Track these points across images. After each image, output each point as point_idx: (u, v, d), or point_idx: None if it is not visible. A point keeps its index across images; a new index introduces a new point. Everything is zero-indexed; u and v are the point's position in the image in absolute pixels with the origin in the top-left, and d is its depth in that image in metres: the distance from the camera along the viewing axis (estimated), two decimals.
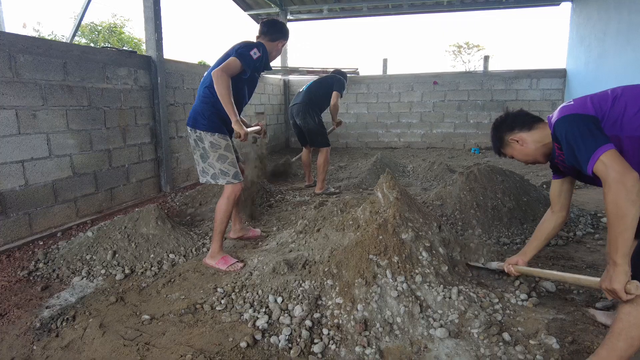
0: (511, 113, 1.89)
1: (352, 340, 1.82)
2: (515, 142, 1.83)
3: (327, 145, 4.67)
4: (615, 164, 1.34)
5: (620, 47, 5.47)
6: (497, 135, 1.91)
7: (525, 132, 1.80)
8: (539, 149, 1.79)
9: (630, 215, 1.30)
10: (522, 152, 1.83)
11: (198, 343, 1.88)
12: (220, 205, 2.70)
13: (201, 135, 2.65)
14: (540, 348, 1.77)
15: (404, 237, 2.20)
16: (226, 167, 2.68)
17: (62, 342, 1.93)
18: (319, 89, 4.67)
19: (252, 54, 2.58)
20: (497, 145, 1.94)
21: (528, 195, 3.40)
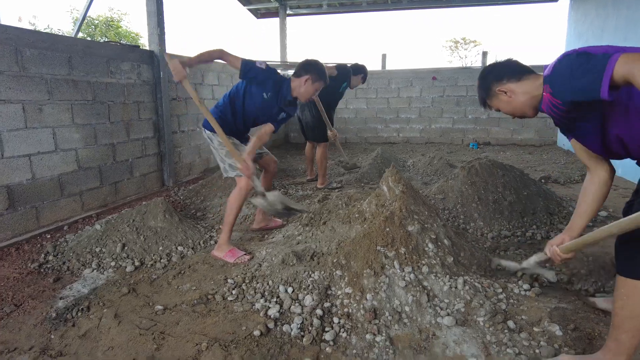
0: (500, 62, 1.75)
1: (362, 329, 1.88)
2: (502, 94, 1.67)
3: (325, 140, 4.66)
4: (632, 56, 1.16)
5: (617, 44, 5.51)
6: (483, 85, 1.75)
7: (514, 83, 1.64)
8: (527, 101, 1.63)
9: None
10: (510, 104, 1.68)
11: (212, 332, 1.93)
12: (232, 198, 2.78)
13: (209, 135, 2.86)
14: (544, 335, 1.84)
15: (410, 229, 2.26)
16: (234, 161, 2.76)
17: (79, 331, 1.98)
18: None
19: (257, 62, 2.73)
20: (482, 97, 1.78)
21: (528, 189, 3.47)
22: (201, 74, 5.64)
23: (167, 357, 1.77)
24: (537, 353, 1.74)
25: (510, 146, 8.03)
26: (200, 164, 5.68)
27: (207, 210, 3.83)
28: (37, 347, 1.86)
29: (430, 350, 1.76)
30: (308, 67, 2.79)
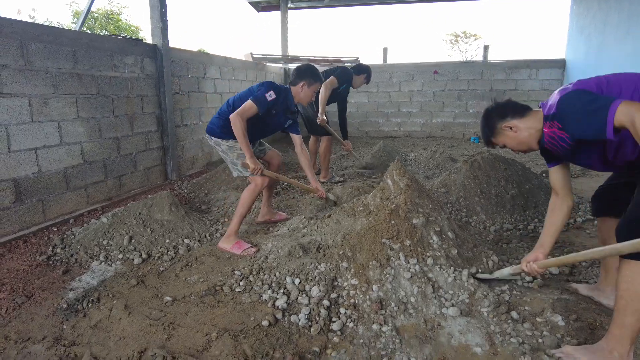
0: (500, 102, 1.89)
1: (368, 319, 1.92)
2: (508, 129, 1.81)
3: (327, 134, 4.66)
4: (636, 106, 1.32)
5: (620, 38, 5.54)
6: (488, 124, 1.87)
7: (518, 119, 1.79)
8: (532, 135, 1.78)
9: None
10: (516, 139, 1.82)
11: (221, 322, 1.97)
12: (246, 193, 2.87)
13: (218, 141, 2.95)
14: (546, 325, 1.88)
15: (415, 222, 2.29)
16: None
17: (91, 321, 2.01)
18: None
19: (267, 96, 2.82)
20: (487, 135, 1.91)
21: (530, 183, 3.50)
22: (203, 67, 5.65)
23: (178, 346, 1.81)
24: (540, 342, 1.78)
25: None
26: (202, 157, 5.70)
27: (212, 204, 3.86)
28: (50, 337, 1.90)
29: (436, 339, 1.80)
30: (301, 74, 2.99)
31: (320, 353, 1.74)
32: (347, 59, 8.67)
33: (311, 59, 8.53)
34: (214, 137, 2.94)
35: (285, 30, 9.11)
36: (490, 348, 1.75)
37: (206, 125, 3.09)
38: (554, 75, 7.91)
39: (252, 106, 2.77)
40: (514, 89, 8.05)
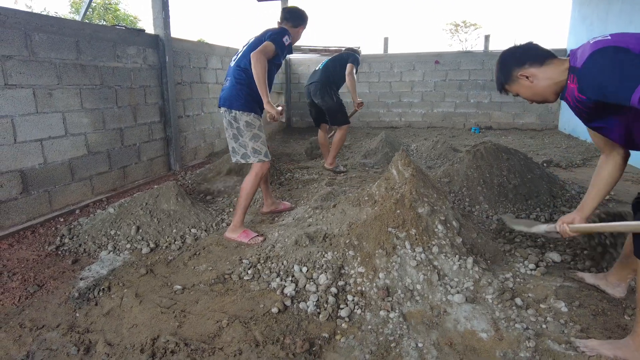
0: (520, 45, 1.68)
1: (375, 306, 1.96)
2: (524, 78, 1.63)
3: (347, 122, 4.65)
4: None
5: (623, 27, 5.52)
6: (503, 70, 1.68)
7: (537, 68, 1.59)
8: (550, 87, 1.60)
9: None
10: (532, 89, 1.64)
11: (231, 310, 2.01)
12: (247, 182, 2.82)
13: (236, 115, 2.76)
14: (550, 311, 1.92)
15: (420, 211, 2.32)
16: (259, 145, 2.80)
17: (103, 310, 2.05)
18: (335, 66, 4.56)
19: (284, 40, 2.75)
20: (501, 81, 1.72)
21: (532, 173, 3.52)
22: (205, 57, 5.63)
23: (190, 333, 1.85)
24: (544, 328, 1.82)
25: (512, 130, 8.07)
26: (205, 148, 5.72)
27: (216, 194, 3.89)
28: (64, 324, 1.93)
29: (442, 325, 1.84)
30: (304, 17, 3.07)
31: (330, 339, 1.78)
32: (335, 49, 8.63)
33: (312, 48, 8.50)
34: (235, 109, 2.73)
35: None
36: (495, 333, 1.79)
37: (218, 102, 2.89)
38: None
39: (271, 46, 2.65)
40: None
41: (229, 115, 2.79)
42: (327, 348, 1.73)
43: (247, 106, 2.74)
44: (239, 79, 2.77)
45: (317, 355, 1.69)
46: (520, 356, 1.65)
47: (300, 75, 8.97)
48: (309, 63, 8.83)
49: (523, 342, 1.72)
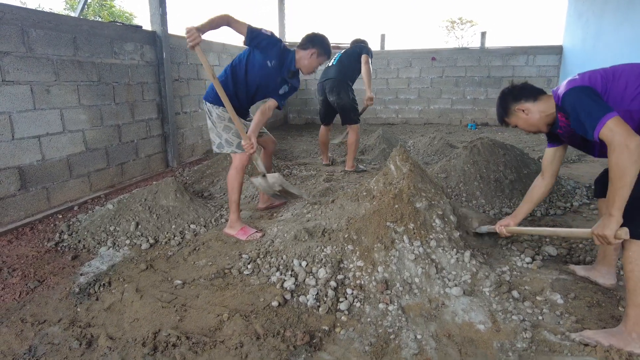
0: (517, 85, 2.00)
1: (374, 299, 1.99)
2: (521, 112, 1.94)
3: (358, 122, 4.58)
4: (619, 128, 1.49)
5: (618, 25, 5.57)
6: (503, 105, 2.01)
7: (531, 103, 1.92)
8: (542, 119, 1.91)
9: (630, 174, 1.48)
10: (528, 121, 1.95)
11: (232, 304, 2.03)
12: (230, 175, 2.83)
13: (209, 107, 2.84)
14: (546, 303, 1.95)
15: (418, 206, 2.35)
16: (230, 137, 2.82)
17: (104, 304, 2.06)
18: (349, 61, 4.47)
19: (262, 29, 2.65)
20: (501, 115, 2.04)
21: (528, 168, 3.56)
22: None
23: (191, 327, 1.87)
24: (540, 319, 1.85)
25: None
26: (202, 145, 5.72)
27: (215, 190, 3.90)
28: (66, 319, 1.94)
29: (441, 317, 1.87)
30: (315, 41, 2.79)
31: (330, 331, 1.81)
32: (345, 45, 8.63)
33: None
34: (208, 102, 2.82)
35: (282, 16, 9.03)
36: (492, 325, 1.82)
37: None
38: (551, 62, 7.94)
39: (244, 24, 2.58)
40: (511, 75, 8.08)
41: (205, 107, 2.88)
42: (327, 340, 1.75)
43: (217, 100, 2.71)
44: (219, 77, 2.75)
45: (317, 347, 1.71)
46: (517, 347, 1.68)
47: None
48: None
49: (520, 333, 1.75)
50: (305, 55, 2.78)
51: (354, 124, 4.54)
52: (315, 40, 2.79)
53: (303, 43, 2.81)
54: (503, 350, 1.66)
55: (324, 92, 4.57)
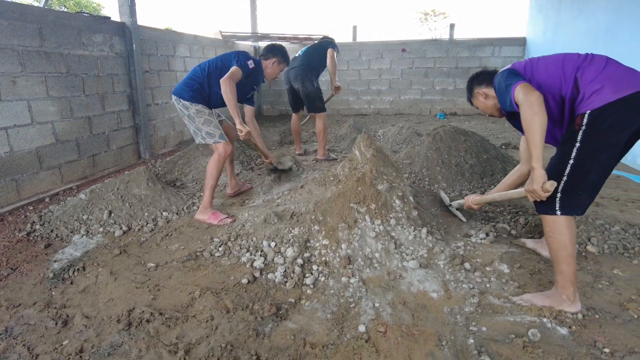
0: (485, 70, 2.17)
1: (338, 273, 2.13)
2: (480, 95, 2.14)
3: (324, 110, 4.71)
4: (523, 89, 1.69)
5: (573, 17, 5.86)
6: (469, 87, 2.21)
7: (489, 88, 2.08)
8: (495, 105, 2.08)
9: (536, 124, 1.64)
10: (484, 104, 2.15)
11: (203, 282, 2.13)
12: (211, 162, 2.95)
13: (186, 104, 2.95)
14: (494, 273, 2.14)
15: (379, 188, 2.50)
16: (212, 129, 2.95)
17: (78, 287, 2.14)
18: (315, 53, 4.65)
19: (248, 64, 2.98)
20: (468, 96, 2.25)
21: (488, 154, 3.77)
22: (173, 46, 5.62)
23: (165, 304, 1.97)
24: (488, 287, 2.04)
25: (476, 116, 8.40)
26: (175, 136, 5.73)
27: (187, 180, 3.96)
28: (41, 302, 2.01)
29: (398, 288, 2.03)
30: (275, 51, 3.23)
31: (295, 303, 1.94)
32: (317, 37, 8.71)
33: (281, 36, 8.53)
34: (183, 100, 2.93)
35: (254, 7, 9.03)
36: (445, 293, 1.99)
37: None
38: (516, 53, 8.25)
39: (239, 71, 2.87)
40: (478, 66, 8.35)
41: (179, 104, 2.98)
42: (292, 311, 1.89)
43: (194, 99, 2.93)
44: (195, 76, 2.98)
45: (283, 317, 1.84)
46: (465, 310, 1.86)
47: None
48: None
49: (468, 299, 1.93)
50: (268, 64, 3.24)
51: (319, 112, 4.66)
52: (274, 50, 3.24)
53: (265, 54, 3.25)
54: (452, 314, 1.84)
55: (290, 81, 4.71)
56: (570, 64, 1.77)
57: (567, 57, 1.81)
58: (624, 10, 4.64)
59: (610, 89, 1.65)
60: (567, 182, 1.73)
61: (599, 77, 1.69)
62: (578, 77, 1.74)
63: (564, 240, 1.75)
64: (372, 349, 1.61)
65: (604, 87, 1.66)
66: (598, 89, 1.67)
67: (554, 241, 1.78)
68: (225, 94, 2.78)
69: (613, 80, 1.66)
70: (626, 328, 1.72)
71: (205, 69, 2.98)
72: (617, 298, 1.94)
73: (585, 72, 1.72)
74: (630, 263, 2.26)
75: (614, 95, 1.63)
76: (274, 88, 9.13)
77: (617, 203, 3.19)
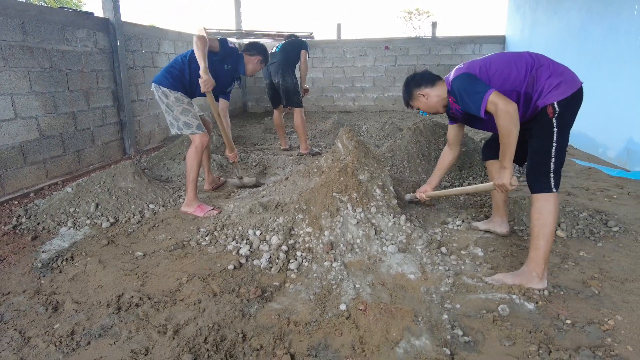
0: (418, 72, 2.31)
1: (321, 258, 2.22)
2: (421, 96, 2.26)
3: (301, 105, 4.80)
4: (499, 99, 1.86)
5: (548, 17, 6.06)
6: (407, 90, 2.31)
7: (429, 88, 2.24)
8: (439, 102, 2.24)
9: (514, 133, 1.86)
10: (427, 104, 2.27)
11: (190, 269, 2.20)
12: (190, 154, 2.98)
13: (166, 92, 2.94)
14: (469, 256, 2.27)
15: (361, 178, 2.60)
16: (189, 119, 2.97)
17: (67, 276, 2.18)
18: (292, 50, 4.75)
19: (228, 41, 3.05)
20: (406, 99, 2.35)
21: (466, 147, 3.90)
22: (157, 42, 5.63)
23: (153, 290, 2.03)
24: (462, 269, 2.15)
25: None
26: (159, 132, 5.75)
27: (172, 174, 4.00)
28: (30, 290, 2.05)
29: (377, 270, 2.13)
30: (260, 50, 3.31)
31: (280, 286, 2.03)
32: (301, 35, 8.78)
33: (265, 33, 8.58)
34: (163, 86, 2.93)
35: (239, 4, 9.06)
36: (422, 275, 2.10)
37: None
38: (495, 50, 8.45)
39: (215, 41, 2.94)
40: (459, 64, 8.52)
41: (159, 92, 2.97)
42: (277, 293, 1.97)
43: (174, 86, 2.94)
44: (175, 64, 3.01)
45: (268, 299, 1.93)
46: (440, 290, 1.97)
47: None
48: None
49: (444, 280, 2.05)
50: (252, 60, 3.28)
51: (297, 107, 4.77)
52: (260, 50, 3.32)
53: (249, 50, 3.29)
54: (428, 293, 1.95)
55: (270, 75, 4.80)
56: (522, 65, 1.97)
57: (516, 58, 2.02)
58: (595, 9, 4.83)
59: (567, 84, 1.93)
60: (555, 162, 1.93)
61: (553, 75, 1.93)
62: (534, 75, 1.95)
63: (549, 219, 1.91)
64: (352, 325, 1.71)
65: (561, 83, 1.92)
66: (557, 84, 1.91)
67: (540, 217, 1.93)
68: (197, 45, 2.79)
69: (564, 77, 1.92)
70: (587, 302, 1.86)
71: (187, 56, 2.98)
72: (581, 276, 2.08)
73: (539, 71, 1.95)
74: (595, 246, 2.41)
75: (570, 90, 1.91)
76: (259, 85, 9.18)
77: (587, 192, 3.36)
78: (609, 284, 2.01)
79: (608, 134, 4.50)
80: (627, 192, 3.34)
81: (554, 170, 1.93)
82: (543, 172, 1.95)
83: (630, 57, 4.15)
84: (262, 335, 1.67)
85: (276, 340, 1.63)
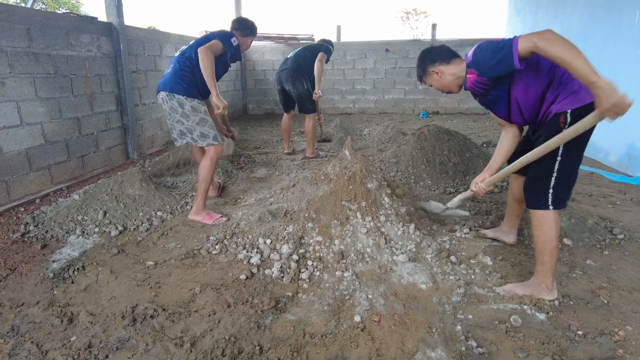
0: (435, 47, 2.11)
1: (332, 268, 2.24)
2: (435, 74, 2.06)
3: (314, 111, 4.80)
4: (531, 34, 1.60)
5: (550, 20, 6.10)
6: (420, 66, 2.12)
7: (445, 66, 2.02)
8: (454, 82, 2.04)
9: (568, 43, 1.54)
10: (440, 82, 2.07)
11: (203, 279, 2.22)
12: (203, 166, 2.95)
13: (181, 100, 2.84)
14: (478, 265, 2.29)
15: (369, 186, 2.62)
16: (207, 129, 2.93)
17: (80, 286, 2.19)
18: (308, 55, 4.69)
19: (232, 40, 2.96)
20: (419, 74, 2.15)
21: (470, 152, 3.94)
22: (159, 45, 5.63)
23: (167, 301, 2.04)
24: (473, 278, 2.18)
25: (457, 115, 8.64)
26: (162, 136, 5.75)
27: (177, 180, 4.01)
28: (44, 301, 2.06)
29: (389, 280, 2.15)
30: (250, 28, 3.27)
31: (293, 297, 2.04)
32: (301, 37, 8.80)
33: (266, 36, 8.59)
34: (179, 94, 2.80)
35: (239, 6, 9.05)
36: (433, 285, 2.12)
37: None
38: None
39: (219, 44, 2.84)
40: None
41: (172, 100, 2.84)
42: (290, 304, 1.99)
43: (189, 92, 2.84)
44: (183, 66, 2.87)
45: (282, 310, 1.94)
46: (452, 300, 1.99)
47: (255, 62, 9.06)
48: (263, 50, 8.93)
49: (455, 290, 2.07)
50: (246, 42, 3.28)
51: (309, 113, 4.75)
52: (252, 29, 3.29)
53: (242, 30, 3.23)
54: (440, 304, 1.97)
55: (281, 82, 4.77)
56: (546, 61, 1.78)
57: None
58: (596, 14, 4.87)
59: (586, 90, 1.70)
60: (557, 178, 1.84)
61: (574, 80, 1.73)
62: (555, 72, 1.78)
63: (550, 234, 1.90)
64: (368, 337, 1.73)
65: (581, 88, 1.73)
66: (576, 90, 1.76)
67: (540, 234, 1.92)
68: (202, 62, 2.70)
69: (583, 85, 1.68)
70: (597, 313, 1.89)
71: (191, 54, 2.88)
72: (589, 286, 2.11)
73: (559, 70, 1.77)
74: (602, 254, 2.44)
75: (589, 98, 1.67)
76: (259, 87, 9.18)
77: (590, 198, 3.39)
78: (617, 293, 2.04)
79: (609, 138, 4.55)
80: (629, 198, 3.38)
81: (554, 185, 1.85)
82: (541, 187, 1.88)
83: (631, 62, 4.20)
84: (279, 347, 1.69)
85: (293, 353, 1.65)
